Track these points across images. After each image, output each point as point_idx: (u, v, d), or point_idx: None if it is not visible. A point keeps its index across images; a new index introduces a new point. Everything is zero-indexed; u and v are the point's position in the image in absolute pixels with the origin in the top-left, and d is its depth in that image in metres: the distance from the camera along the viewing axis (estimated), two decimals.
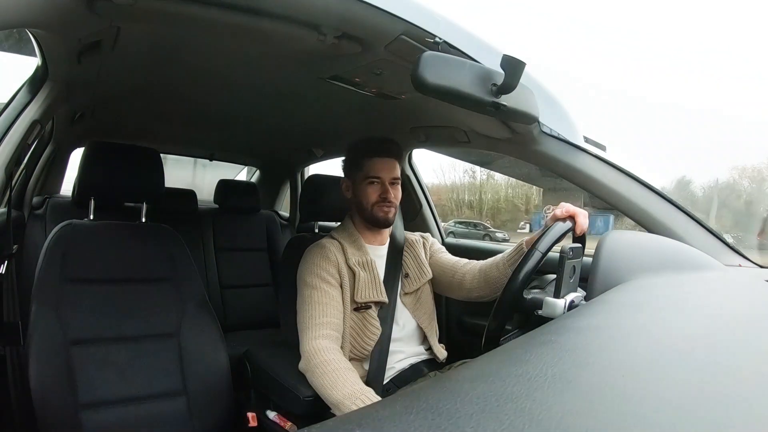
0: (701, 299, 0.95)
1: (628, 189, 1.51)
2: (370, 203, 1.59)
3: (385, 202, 1.58)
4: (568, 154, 1.55)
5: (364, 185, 1.59)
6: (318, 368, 1.35)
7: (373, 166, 1.59)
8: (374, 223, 1.61)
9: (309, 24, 1.17)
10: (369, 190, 1.59)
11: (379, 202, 1.58)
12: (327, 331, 1.44)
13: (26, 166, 2.13)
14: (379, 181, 1.59)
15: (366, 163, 1.59)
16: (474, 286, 1.59)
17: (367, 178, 1.59)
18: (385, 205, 1.58)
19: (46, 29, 1.04)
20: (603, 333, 0.71)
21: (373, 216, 1.59)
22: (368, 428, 0.41)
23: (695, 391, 0.48)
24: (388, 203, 1.59)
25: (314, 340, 1.42)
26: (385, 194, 1.58)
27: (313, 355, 1.38)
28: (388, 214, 1.59)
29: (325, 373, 1.33)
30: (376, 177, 1.58)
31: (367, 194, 1.59)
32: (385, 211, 1.59)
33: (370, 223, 1.63)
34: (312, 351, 1.40)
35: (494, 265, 1.55)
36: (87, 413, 1.42)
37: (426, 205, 2.57)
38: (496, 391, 0.48)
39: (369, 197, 1.58)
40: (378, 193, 1.58)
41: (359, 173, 1.60)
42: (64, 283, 1.51)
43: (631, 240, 1.16)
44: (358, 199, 1.61)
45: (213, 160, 3.43)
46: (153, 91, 1.92)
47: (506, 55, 1.07)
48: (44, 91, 1.32)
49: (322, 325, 1.44)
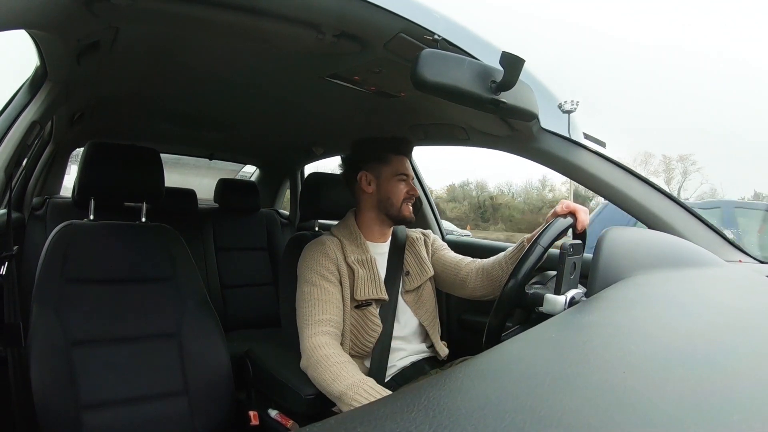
0: (702, 295, 0.95)
1: (627, 185, 1.51)
2: (400, 200, 1.60)
3: (411, 198, 1.62)
4: (568, 151, 1.55)
5: (394, 181, 1.60)
6: (319, 364, 1.35)
7: (402, 163, 1.62)
8: (401, 220, 1.63)
9: (308, 23, 1.17)
10: (400, 186, 1.60)
11: (407, 199, 1.61)
12: (326, 328, 1.44)
13: (26, 167, 2.13)
14: (407, 179, 1.61)
15: (395, 160, 1.61)
16: (477, 286, 1.59)
17: (397, 175, 1.60)
18: (411, 203, 1.62)
19: (44, 30, 1.04)
20: (603, 330, 0.71)
21: (401, 213, 1.61)
22: (370, 426, 0.41)
23: (696, 388, 0.48)
24: (413, 200, 1.63)
25: (314, 337, 1.42)
26: (412, 191, 1.62)
27: (313, 350, 1.39)
28: (413, 212, 1.63)
29: (327, 367, 1.33)
30: (405, 174, 1.61)
31: (398, 191, 1.60)
32: (410, 209, 1.62)
33: (395, 220, 1.64)
34: (312, 347, 1.40)
35: (497, 263, 1.55)
36: (88, 414, 1.42)
37: (426, 203, 2.57)
38: (496, 388, 0.48)
39: (399, 194, 1.60)
40: (407, 190, 1.61)
41: (386, 168, 1.61)
42: (65, 283, 1.51)
43: (631, 236, 1.16)
44: (384, 195, 1.61)
45: (212, 160, 3.43)
46: (152, 91, 1.92)
47: (505, 53, 1.07)
48: (43, 91, 1.32)
49: (322, 322, 1.44)
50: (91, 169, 1.65)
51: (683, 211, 1.49)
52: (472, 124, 1.75)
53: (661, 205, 1.49)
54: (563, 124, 1.53)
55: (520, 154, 1.70)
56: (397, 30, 1.17)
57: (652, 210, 1.48)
